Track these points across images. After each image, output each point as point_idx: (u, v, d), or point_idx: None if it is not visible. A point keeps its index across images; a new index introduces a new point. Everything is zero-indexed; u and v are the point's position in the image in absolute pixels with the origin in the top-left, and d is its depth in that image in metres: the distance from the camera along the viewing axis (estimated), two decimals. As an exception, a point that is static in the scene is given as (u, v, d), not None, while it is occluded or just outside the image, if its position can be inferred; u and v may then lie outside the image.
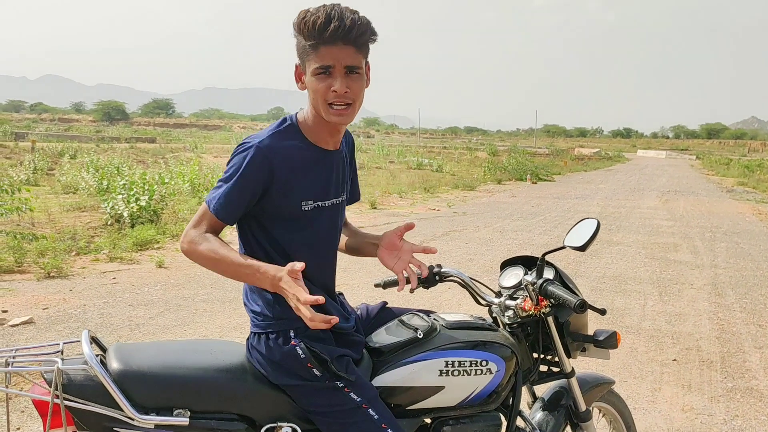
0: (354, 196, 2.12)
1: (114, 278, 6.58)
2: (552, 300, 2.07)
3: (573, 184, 23.98)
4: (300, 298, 1.57)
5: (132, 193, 9.67)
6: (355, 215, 12.16)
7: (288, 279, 1.60)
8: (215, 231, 1.76)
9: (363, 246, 2.09)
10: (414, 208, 13.98)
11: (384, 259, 1.99)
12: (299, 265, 1.61)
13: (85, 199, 12.12)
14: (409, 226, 1.99)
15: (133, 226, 9.12)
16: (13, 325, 4.89)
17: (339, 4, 1.70)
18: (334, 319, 1.59)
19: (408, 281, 2.01)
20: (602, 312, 2.00)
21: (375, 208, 13.58)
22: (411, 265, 1.97)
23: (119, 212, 9.36)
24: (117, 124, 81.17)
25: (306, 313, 1.57)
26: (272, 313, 1.79)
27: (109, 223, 9.40)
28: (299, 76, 1.78)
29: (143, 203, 9.50)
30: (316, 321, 1.57)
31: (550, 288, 2.04)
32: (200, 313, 5.49)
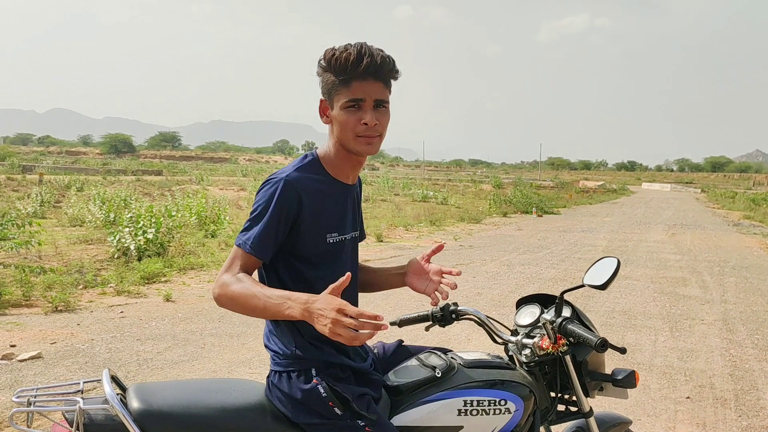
0: (361, 234, 2.15)
1: (121, 312, 6.57)
2: (571, 339, 2.06)
3: (578, 217, 23.97)
4: (348, 310, 1.49)
5: (139, 225, 9.69)
6: (361, 248, 12.08)
7: (327, 297, 1.55)
8: (249, 271, 1.76)
9: (386, 278, 2.13)
10: (420, 241, 13.98)
11: (414, 285, 2.04)
12: (346, 278, 1.57)
13: (91, 231, 12.17)
14: (438, 248, 2.04)
15: (140, 259, 9.13)
16: (21, 360, 4.86)
17: (366, 43, 1.76)
18: (383, 325, 1.52)
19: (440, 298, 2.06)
20: (622, 351, 1.99)
21: (381, 241, 13.58)
22: (442, 285, 2.02)
23: (126, 245, 9.39)
24: (124, 157, 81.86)
25: (350, 321, 1.48)
26: (293, 352, 1.79)
27: (116, 256, 9.42)
28: (324, 110, 1.83)
29: (150, 236, 9.52)
30: (366, 329, 1.49)
31: (570, 326, 2.03)
32: (208, 347, 5.46)
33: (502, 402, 1.94)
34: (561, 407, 2.24)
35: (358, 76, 1.72)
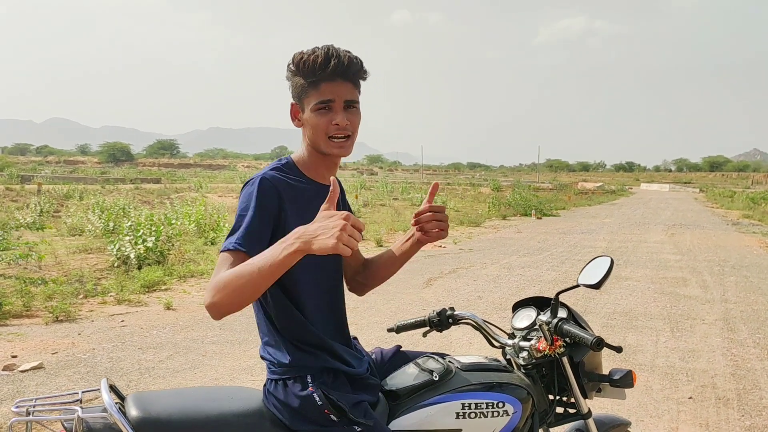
0: None
1: (122, 321, 6.57)
2: (568, 339, 2.06)
3: (578, 218, 23.99)
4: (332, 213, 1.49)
5: (138, 234, 9.69)
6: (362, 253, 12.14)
7: (322, 213, 1.52)
8: None
9: (397, 252, 2.10)
10: (420, 246, 13.95)
11: (427, 237, 2.00)
12: (334, 187, 1.57)
13: (91, 241, 12.15)
14: (434, 187, 2.00)
15: (140, 268, 9.13)
16: (22, 371, 4.86)
17: (333, 45, 1.78)
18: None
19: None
20: (618, 349, 1.99)
21: (381, 245, 13.58)
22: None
23: (126, 254, 9.38)
24: (122, 166, 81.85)
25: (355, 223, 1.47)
26: (289, 361, 1.79)
27: (115, 264, 9.42)
28: (295, 114, 1.85)
29: (150, 244, 9.52)
30: (349, 223, 1.46)
31: (566, 327, 2.03)
32: (210, 355, 5.46)
33: (500, 404, 1.95)
34: (560, 409, 2.25)
35: (326, 78, 1.74)
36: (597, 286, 2.09)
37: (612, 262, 2.12)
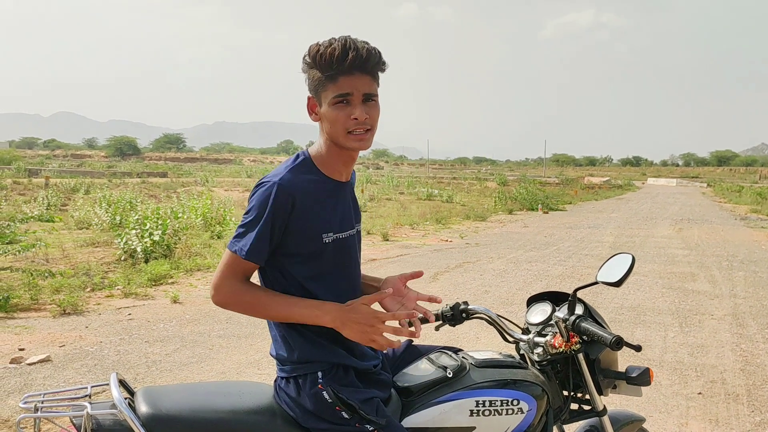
0: None
1: (129, 314, 6.57)
2: (585, 337, 2.03)
3: (584, 213, 23.89)
4: (383, 318, 1.71)
5: (145, 227, 9.70)
6: (367, 247, 12.13)
7: (362, 308, 1.71)
8: (248, 277, 1.75)
9: (362, 287, 2.00)
10: (426, 240, 13.94)
11: (386, 305, 1.88)
12: (389, 291, 1.78)
13: (98, 234, 12.16)
14: (417, 275, 1.96)
15: (146, 261, 9.13)
16: (30, 364, 4.86)
17: (350, 36, 1.73)
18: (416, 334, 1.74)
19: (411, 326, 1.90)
20: (638, 348, 1.96)
21: (387, 240, 13.55)
22: (416, 311, 1.86)
23: (133, 247, 9.39)
24: (129, 159, 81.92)
25: (390, 332, 1.70)
26: (299, 359, 1.78)
27: (122, 258, 9.43)
28: (312, 108, 1.80)
29: (157, 238, 9.53)
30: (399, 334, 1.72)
31: (584, 324, 2.00)
32: (216, 349, 5.45)
33: (515, 402, 1.92)
34: (574, 406, 2.22)
35: (344, 71, 1.69)
36: (617, 284, 2.04)
37: (633, 259, 2.07)
